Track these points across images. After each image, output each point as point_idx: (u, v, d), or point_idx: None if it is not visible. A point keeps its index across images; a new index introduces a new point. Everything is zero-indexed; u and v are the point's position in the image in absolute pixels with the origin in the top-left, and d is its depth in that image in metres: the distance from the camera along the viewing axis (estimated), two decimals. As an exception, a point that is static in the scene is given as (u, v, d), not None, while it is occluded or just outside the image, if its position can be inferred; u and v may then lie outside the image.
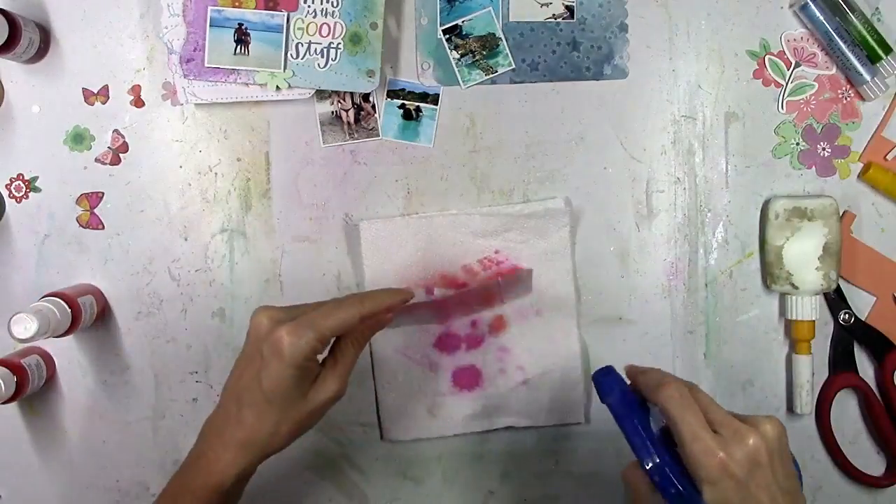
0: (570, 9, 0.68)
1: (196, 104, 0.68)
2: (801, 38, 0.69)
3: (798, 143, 0.70)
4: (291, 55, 0.66)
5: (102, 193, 0.69)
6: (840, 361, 0.70)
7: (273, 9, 0.65)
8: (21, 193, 0.69)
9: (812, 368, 0.69)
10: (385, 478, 0.71)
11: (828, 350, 0.71)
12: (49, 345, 0.69)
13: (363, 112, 0.69)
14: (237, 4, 0.65)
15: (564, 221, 0.68)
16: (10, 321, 0.60)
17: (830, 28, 0.67)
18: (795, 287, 0.68)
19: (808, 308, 0.68)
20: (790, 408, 0.70)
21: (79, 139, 0.69)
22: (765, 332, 0.71)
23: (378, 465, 0.71)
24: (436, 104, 0.69)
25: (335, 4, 0.65)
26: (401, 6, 0.68)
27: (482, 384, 0.70)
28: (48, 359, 0.69)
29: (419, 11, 0.68)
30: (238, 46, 0.65)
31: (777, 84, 0.70)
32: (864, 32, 0.67)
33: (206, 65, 0.65)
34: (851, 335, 0.70)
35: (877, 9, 0.68)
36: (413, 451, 0.71)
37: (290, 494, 0.71)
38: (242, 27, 0.65)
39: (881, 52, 0.67)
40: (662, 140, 0.70)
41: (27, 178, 0.69)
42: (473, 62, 0.68)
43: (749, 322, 0.71)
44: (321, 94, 0.68)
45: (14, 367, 0.64)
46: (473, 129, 0.69)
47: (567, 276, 0.69)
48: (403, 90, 0.69)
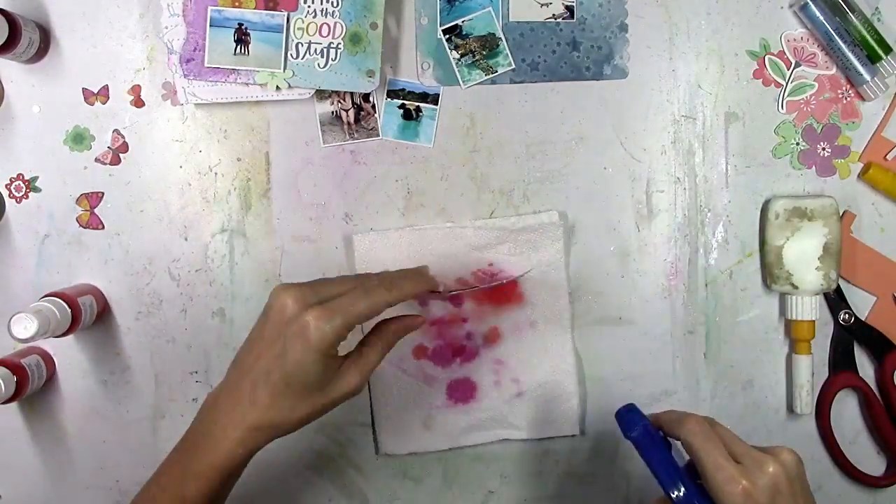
0: (570, 9, 0.68)
1: (196, 104, 0.68)
2: (801, 38, 0.69)
3: (798, 143, 0.70)
4: (291, 55, 0.66)
5: (102, 193, 0.69)
6: (840, 361, 0.70)
7: (273, 9, 0.65)
8: (21, 193, 0.69)
9: (812, 368, 0.69)
10: (385, 477, 0.71)
11: (828, 350, 0.71)
12: (49, 345, 0.69)
13: (363, 112, 0.69)
14: (237, 4, 0.65)
15: (558, 234, 0.68)
16: (10, 321, 0.60)
17: (830, 28, 0.67)
18: (795, 287, 0.68)
19: (808, 308, 0.68)
20: (790, 408, 0.70)
21: (79, 139, 0.69)
22: (765, 332, 0.71)
23: (378, 465, 0.71)
24: (436, 104, 0.69)
25: (335, 4, 0.65)
26: (401, 6, 0.68)
27: (477, 397, 0.70)
28: (48, 359, 0.69)
29: (419, 11, 0.68)
30: (238, 46, 0.65)
31: (777, 84, 0.70)
32: (864, 32, 0.67)
33: (206, 65, 0.65)
34: (851, 335, 0.70)
35: (877, 9, 0.68)
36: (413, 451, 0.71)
37: (290, 494, 0.71)
38: (242, 27, 0.65)
39: (881, 52, 0.67)
40: (662, 140, 0.70)
41: (27, 178, 0.69)
42: (473, 62, 0.68)
43: (749, 322, 0.71)
44: (321, 94, 0.68)
45: (14, 367, 0.64)
46: (473, 129, 0.69)
47: (562, 289, 0.69)
48: (403, 90, 0.69)
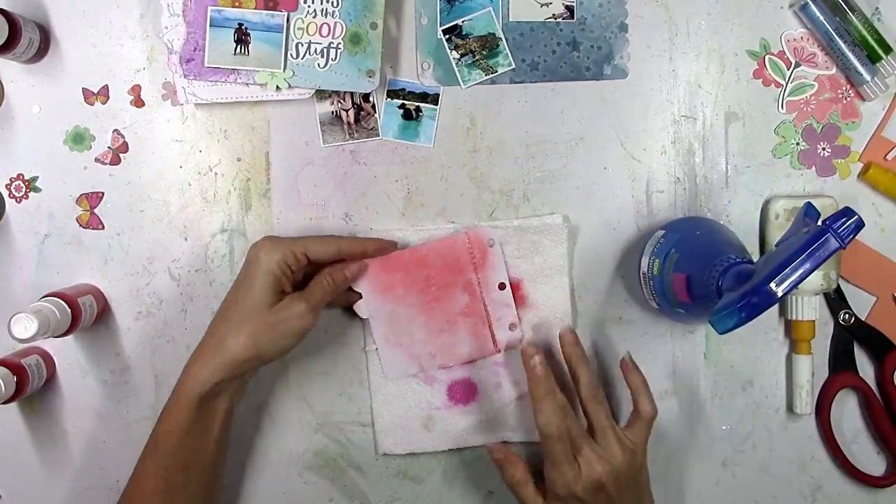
0: (570, 9, 0.68)
1: (196, 104, 0.68)
2: (801, 38, 0.69)
3: (798, 143, 0.70)
4: (291, 55, 0.66)
5: (102, 193, 0.69)
6: (840, 361, 0.70)
7: (273, 9, 0.65)
8: (21, 193, 0.69)
9: (812, 368, 0.69)
10: (385, 477, 0.71)
11: (828, 350, 0.71)
12: (49, 345, 0.69)
13: (363, 112, 0.69)
14: (237, 4, 0.65)
15: (562, 238, 0.68)
16: (10, 321, 0.60)
17: (830, 28, 0.67)
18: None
19: (808, 308, 0.68)
20: (790, 408, 0.70)
21: (79, 139, 0.69)
22: (765, 332, 0.71)
23: (378, 465, 0.71)
24: (436, 104, 0.69)
25: (335, 4, 0.65)
26: (401, 6, 0.68)
27: (478, 398, 0.70)
28: (48, 359, 0.69)
29: (419, 11, 0.68)
30: (238, 46, 0.65)
31: (777, 84, 0.70)
32: (864, 32, 0.67)
33: (206, 65, 0.65)
34: (851, 335, 0.70)
35: (877, 9, 0.68)
36: (413, 452, 0.71)
37: (290, 494, 0.71)
38: (242, 27, 0.65)
39: (881, 52, 0.67)
40: (662, 140, 0.70)
41: (27, 178, 0.69)
42: (473, 62, 0.68)
43: (749, 322, 0.71)
44: (321, 94, 0.68)
45: (14, 367, 0.64)
46: (473, 129, 0.69)
47: (564, 293, 0.69)
48: (403, 90, 0.69)
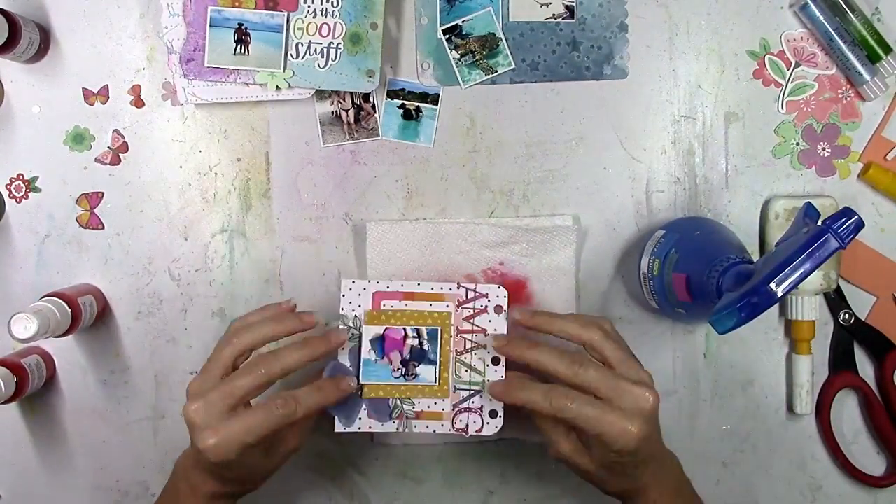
0: (570, 9, 0.68)
1: (196, 104, 0.68)
2: (801, 38, 0.69)
3: (798, 143, 0.70)
4: (291, 55, 0.66)
5: (102, 193, 0.69)
6: (840, 361, 0.70)
7: (273, 9, 0.65)
8: (21, 193, 0.69)
9: (812, 368, 0.69)
10: (385, 478, 0.71)
11: (828, 350, 0.71)
12: (49, 345, 0.69)
13: (363, 112, 0.69)
14: (237, 4, 0.65)
15: (571, 239, 0.68)
16: (10, 321, 0.60)
17: (830, 28, 0.67)
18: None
19: (808, 308, 0.68)
20: (790, 408, 0.70)
21: (79, 139, 0.69)
22: (765, 332, 0.71)
23: (378, 465, 0.71)
24: (436, 104, 0.69)
25: (335, 4, 0.65)
26: (401, 6, 0.68)
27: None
28: (48, 359, 0.69)
29: (419, 11, 0.68)
30: (238, 46, 0.65)
31: (777, 84, 0.70)
32: (864, 32, 0.67)
33: (206, 65, 0.65)
34: (851, 335, 0.70)
35: (877, 9, 0.68)
36: (413, 452, 0.71)
37: (290, 494, 0.71)
38: (242, 27, 0.65)
39: (881, 52, 0.67)
40: (662, 140, 0.70)
41: (27, 178, 0.69)
42: (473, 62, 0.68)
43: (749, 322, 0.71)
44: (321, 94, 0.68)
45: (14, 367, 0.64)
46: (473, 129, 0.69)
47: (570, 295, 0.69)
48: (403, 90, 0.69)
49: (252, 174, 0.69)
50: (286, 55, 0.65)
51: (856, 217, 0.49)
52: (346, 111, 0.69)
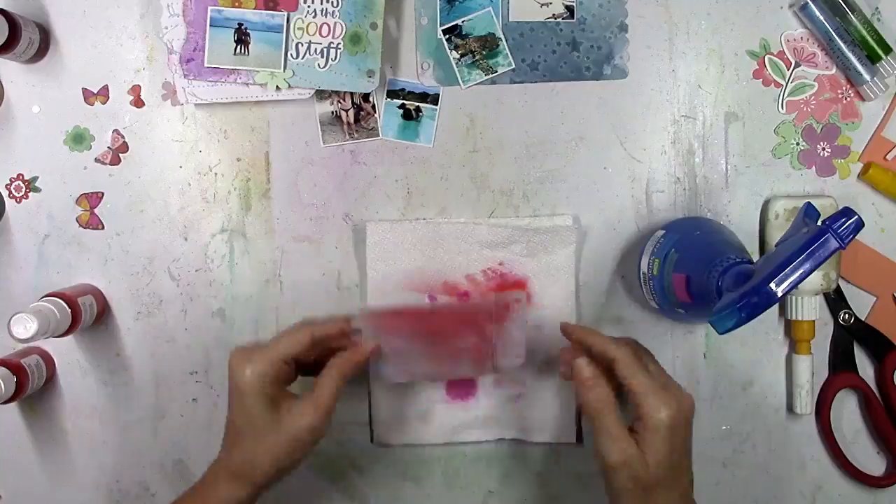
0: (570, 9, 0.68)
1: (196, 104, 0.68)
2: (801, 38, 0.69)
3: (798, 143, 0.70)
4: (291, 55, 0.66)
5: (102, 193, 0.69)
6: (840, 361, 0.70)
7: (273, 9, 0.65)
8: (21, 193, 0.69)
9: (812, 368, 0.69)
10: (385, 478, 0.71)
11: (828, 350, 0.71)
12: (49, 345, 0.69)
13: (363, 112, 0.69)
14: (237, 4, 0.65)
15: (571, 239, 0.68)
16: (10, 321, 0.60)
17: (830, 28, 0.67)
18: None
19: (808, 308, 0.68)
20: (790, 408, 0.70)
21: (79, 139, 0.69)
22: (765, 332, 0.71)
23: (378, 466, 0.71)
24: (436, 104, 0.69)
25: (335, 4, 0.65)
26: (401, 6, 0.68)
27: (476, 395, 0.70)
28: (48, 359, 0.69)
29: (419, 11, 0.68)
30: (238, 46, 0.65)
31: (777, 84, 0.70)
32: (864, 32, 0.67)
33: (206, 65, 0.65)
34: (851, 335, 0.70)
35: (877, 9, 0.68)
36: (413, 452, 0.71)
37: (290, 494, 0.71)
38: (242, 27, 0.65)
39: (881, 52, 0.67)
40: (662, 140, 0.70)
41: (27, 178, 0.69)
42: (473, 62, 0.68)
43: (749, 322, 0.71)
44: (321, 94, 0.68)
45: (14, 367, 0.64)
46: (473, 129, 0.69)
47: (569, 295, 0.69)
48: (403, 90, 0.69)
49: (252, 174, 0.69)
50: (286, 55, 0.65)
51: (856, 217, 0.49)
52: (346, 111, 0.69)
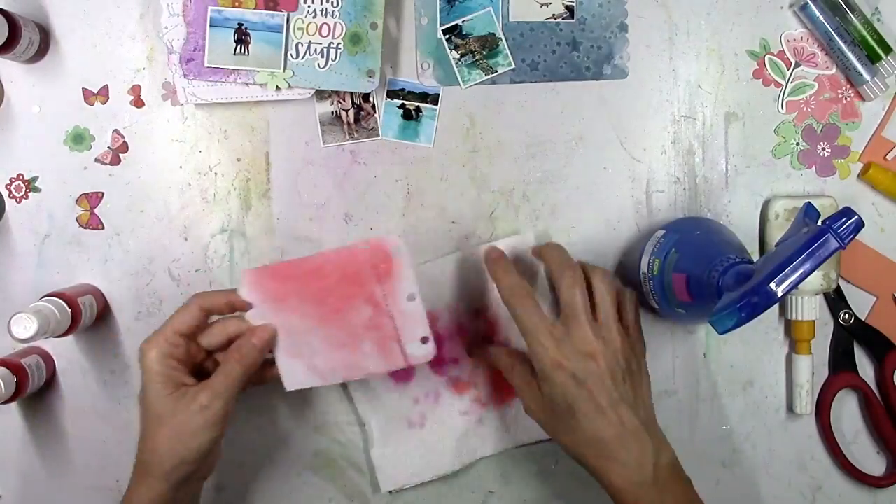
0: (570, 9, 0.68)
1: (196, 104, 0.68)
2: (801, 38, 0.69)
3: (798, 143, 0.70)
4: (291, 55, 0.66)
5: (102, 193, 0.69)
6: (840, 361, 0.70)
7: (273, 9, 0.65)
8: (21, 193, 0.69)
9: (812, 368, 0.69)
10: (385, 478, 0.71)
11: (828, 350, 0.71)
12: (49, 345, 0.69)
13: (363, 112, 0.69)
14: (237, 4, 0.65)
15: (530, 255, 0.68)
16: (10, 321, 0.60)
17: (830, 28, 0.67)
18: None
19: (808, 308, 0.68)
20: (790, 408, 0.70)
21: (79, 139, 0.69)
22: (765, 332, 0.71)
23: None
24: (436, 104, 0.69)
25: (335, 4, 0.65)
26: (401, 6, 0.68)
27: (415, 375, 0.69)
28: (48, 359, 0.69)
29: (419, 11, 0.68)
30: (238, 46, 0.65)
31: (777, 84, 0.70)
32: (864, 32, 0.67)
33: (206, 65, 0.65)
34: (851, 335, 0.70)
35: (877, 9, 0.68)
36: (413, 451, 0.71)
37: (291, 494, 0.71)
38: (242, 27, 0.65)
39: (881, 52, 0.67)
40: (662, 140, 0.70)
41: (27, 178, 0.69)
42: (473, 62, 0.68)
43: (749, 322, 0.71)
44: (321, 94, 0.68)
45: (14, 368, 0.64)
46: (473, 129, 0.69)
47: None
48: (403, 90, 0.69)
49: (252, 174, 0.69)
50: (286, 55, 0.65)
51: (856, 217, 0.49)
52: (346, 111, 0.69)
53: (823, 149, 0.70)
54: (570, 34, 0.69)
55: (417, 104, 0.69)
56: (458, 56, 0.68)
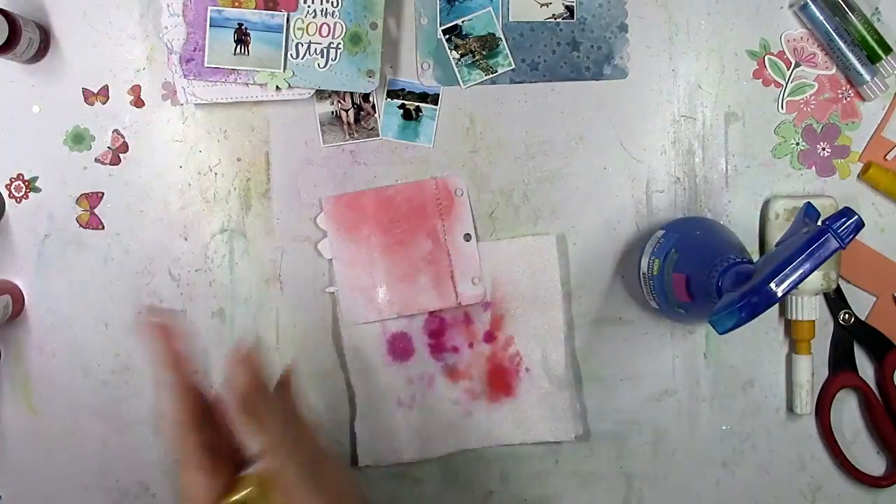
0: (570, 9, 0.68)
1: (196, 104, 0.68)
2: (801, 38, 0.69)
3: (798, 143, 0.70)
4: (291, 55, 0.66)
5: (102, 193, 0.69)
6: (840, 361, 0.70)
7: (273, 9, 0.65)
8: (21, 193, 0.69)
9: (812, 368, 0.69)
10: (385, 478, 0.71)
11: (828, 350, 0.71)
12: (50, 344, 0.69)
13: (363, 112, 0.69)
14: (237, 4, 0.65)
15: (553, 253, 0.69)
16: None
17: (830, 28, 0.67)
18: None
19: (808, 308, 0.68)
20: (790, 408, 0.70)
21: (79, 139, 0.69)
22: (765, 332, 0.71)
23: (378, 465, 0.71)
24: (436, 104, 0.69)
25: (335, 4, 0.65)
26: (401, 6, 0.68)
27: (414, 355, 0.69)
28: (17, 294, 0.68)
29: (419, 11, 0.68)
30: (238, 46, 0.65)
31: (777, 84, 0.70)
32: (864, 32, 0.67)
33: (206, 65, 0.65)
34: (851, 335, 0.70)
35: (877, 9, 0.68)
36: (413, 451, 0.71)
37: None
38: (242, 27, 0.65)
39: (881, 52, 0.67)
40: (662, 140, 0.70)
41: (27, 178, 0.69)
42: (473, 62, 0.68)
43: (749, 322, 0.71)
44: (321, 94, 0.68)
45: None
46: (473, 129, 0.69)
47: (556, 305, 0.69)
48: (403, 90, 0.69)
49: (252, 174, 0.69)
50: (286, 55, 0.65)
51: (856, 217, 0.49)
52: (346, 111, 0.69)
53: (823, 149, 0.70)
54: (570, 34, 0.69)
55: (417, 104, 0.69)
56: (458, 56, 0.68)
